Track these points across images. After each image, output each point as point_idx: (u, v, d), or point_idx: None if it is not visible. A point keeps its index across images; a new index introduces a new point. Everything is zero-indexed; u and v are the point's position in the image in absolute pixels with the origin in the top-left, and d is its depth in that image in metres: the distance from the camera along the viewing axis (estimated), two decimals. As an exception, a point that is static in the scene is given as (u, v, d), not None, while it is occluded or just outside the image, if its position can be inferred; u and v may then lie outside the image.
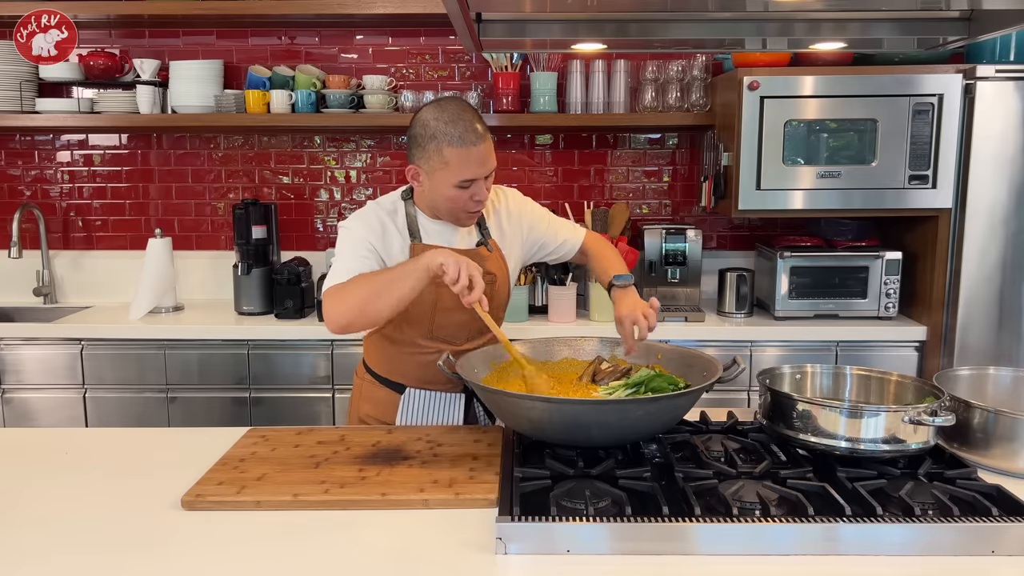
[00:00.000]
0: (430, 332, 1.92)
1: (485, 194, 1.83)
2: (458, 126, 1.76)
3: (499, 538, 1.28)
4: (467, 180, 1.78)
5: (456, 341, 1.95)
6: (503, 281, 1.96)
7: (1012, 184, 2.86)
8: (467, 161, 1.77)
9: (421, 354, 1.94)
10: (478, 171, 1.78)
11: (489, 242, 1.96)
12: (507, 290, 2.00)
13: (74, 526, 1.41)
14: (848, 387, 1.81)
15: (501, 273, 1.95)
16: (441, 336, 1.93)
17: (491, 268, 1.91)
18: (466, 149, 1.76)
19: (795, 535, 1.28)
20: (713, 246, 3.57)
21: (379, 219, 1.89)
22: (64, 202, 3.60)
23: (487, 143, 1.79)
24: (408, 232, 1.89)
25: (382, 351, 2.01)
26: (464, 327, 1.93)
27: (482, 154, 1.78)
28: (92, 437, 1.93)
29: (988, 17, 1.67)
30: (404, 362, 1.97)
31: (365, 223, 1.88)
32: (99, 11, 3.19)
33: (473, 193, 1.80)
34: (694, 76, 3.25)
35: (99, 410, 3.06)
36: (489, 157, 1.80)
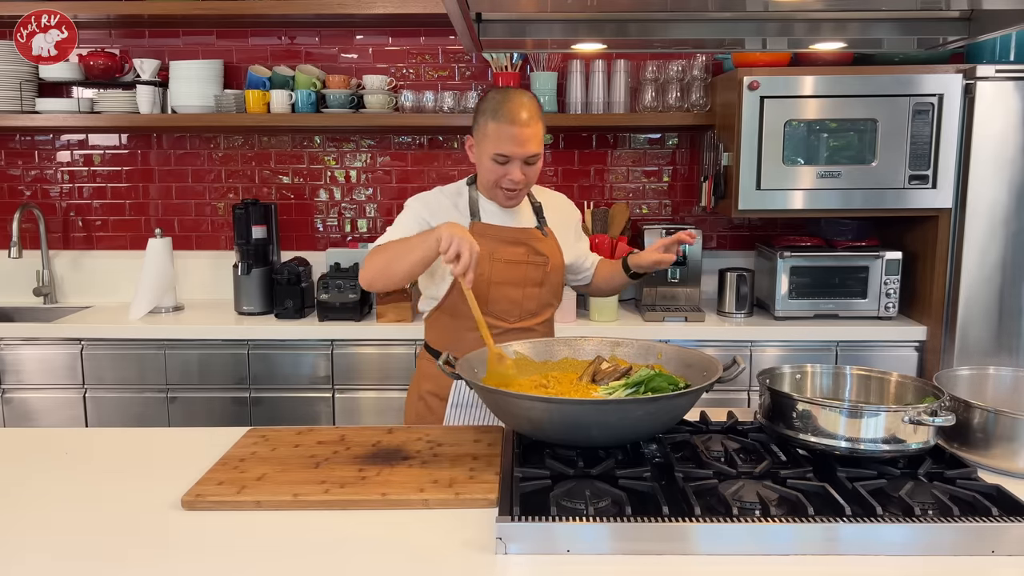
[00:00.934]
0: (484, 306, 1.98)
1: (519, 177, 1.94)
2: (506, 106, 1.91)
3: (499, 538, 1.28)
4: (501, 155, 1.91)
5: (509, 318, 2.04)
6: (556, 266, 2.08)
7: (1012, 184, 2.87)
8: (503, 137, 1.90)
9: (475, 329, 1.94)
10: (513, 149, 1.90)
11: (545, 228, 2.09)
12: (560, 277, 2.11)
13: (74, 526, 1.41)
14: (848, 387, 1.81)
15: (555, 258, 2.07)
16: (495, 312, 2.02)
17: (544, 250, 2.05)
18: (505, 126, 1.89)
19: (795, 535, 1.28)
20: (713, 246, 3.57)
21: (439, 200, 2.04)
22: (64, 202, 3.60)
23: (531, 129, 1.90)
24: (469, 212, 2.03)
25: (442, 327, 2.09)
26: (516, 304, 2.04)
27: (519, 135, 1.89)
28: (92, 437, 1.93)
29: (988, 17, 1.68)
30: (461, 337, 2.01)
31: (424, 202, 2.04)
32: (99, 11, 3.20)
33: (507, 171, 1.93)
34: (694, 76, 3.25)
35: (99, 410, 3.06)
36: (527, 142, 1.90)
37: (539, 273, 2.05)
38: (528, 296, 2.04)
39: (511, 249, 2.02)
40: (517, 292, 2.03)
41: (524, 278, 2.04)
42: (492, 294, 2.01)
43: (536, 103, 1.97)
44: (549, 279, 2.07)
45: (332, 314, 3.07)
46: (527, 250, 2.03)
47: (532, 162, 1.95)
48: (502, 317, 2.04)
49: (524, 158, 1.93)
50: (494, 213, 2.05)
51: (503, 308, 2.04)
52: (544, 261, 2.05)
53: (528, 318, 2.07)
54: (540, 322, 2.11)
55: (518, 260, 2.02)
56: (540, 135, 1.95)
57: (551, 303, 2.13)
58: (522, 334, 2.05)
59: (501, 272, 1.99)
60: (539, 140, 1.95)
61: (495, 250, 2.01)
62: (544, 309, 2.11)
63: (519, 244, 2.03)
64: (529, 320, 2.08)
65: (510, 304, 2.04)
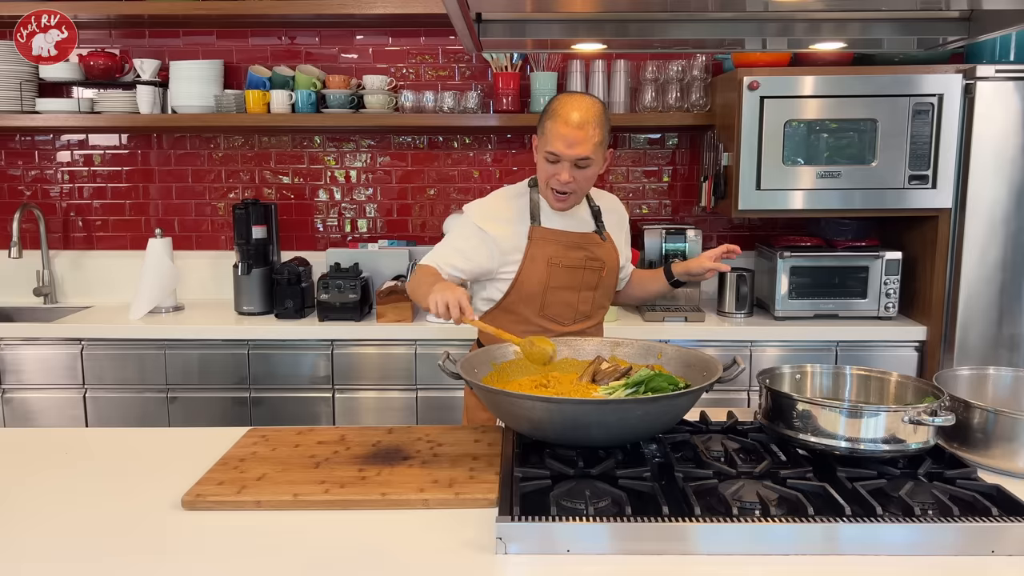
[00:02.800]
0: (541, 310, 2.04)
1: (566, 179, 1.94)
2: (565, 107, 1.93)
3: (499, 538, 1.28)
4: (551, 153, 1.93)
5: (564, 321, 2.07)
6: (611, 269, 2.10)
7: (1012, 184, 2.87)
8: (555, 136, 1.92)
9: (530, 331, 2.00)
10: (562, 149, 1.91)
11: (604, 233, 2.11)
12: (614, 279, 2.14)
13: (74, 526, 1.41)
14: (848, 387, 1.81)
15: (611, 262, 2.10)
16: (550, 315, 2.06)
17: (601, 255, 2.07)
18: (559, 126, 1.91)
19: (795, 535, 1.28)
20: (713, 246, 3.54)
21: (496, 206, 2.07)
22: (64, 202, 3.60)
23: (583, 132, 1.90)
24: (529, 215, 2.04)
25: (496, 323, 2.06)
26: (571, 308, 2.06)
27: (570, 136, 1.90)
28: (92, 437, 1.93)
29: (988, 17, 1.68)
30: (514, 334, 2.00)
31: (481, 208, 2.07)
32: (99, 11, 3.20)
33: (556, 172, 1.94)
34: (694, 76, 3.25)
35: (99, 410, 3.06)
36: (577, 144, 1.90)
37: (595, 277, 2.06)
38: (583, 299, 2.07)
39: (570, 254, 2.03)
40: (573, 296, 2.05)
41: (581, 282, 2.06)
42: (548, 298, 2.04)
43: (597, 110, 1.94)
44: (604, 282, 2.09)
45: (332, 314, 3.07)
46: (585, 255, 2.05)
47: (583, 166, 1.94)
48: (557, 320, 2.06)
49: (573, 160, 1.92)
50: (554, 217, 2.05)
51: (558, 311, 2.06)
52: (601, 265, 2.07)
53: (582, 320, 2.09)
54: (593, 325, 2.12)
55: (576, 265, 2.03)
56: (594, 140, 1.92)
57: (604, 305, 2.15)
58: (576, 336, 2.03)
59: (559, 276, 2.02)
60: (592, 145, 1.92)
61: (554, 254, 2.02)
62: (597, 312, 2.13)
63: (578, 248, 2.04)
64: (583, 323, 2.10)
65: (565, 307, 2.06)
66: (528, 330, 2.02)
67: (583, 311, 2.08)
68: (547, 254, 2.01)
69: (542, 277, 2.01)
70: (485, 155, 3.54)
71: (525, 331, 2.01)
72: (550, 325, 2.05)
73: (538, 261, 2.01)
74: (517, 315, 2.06)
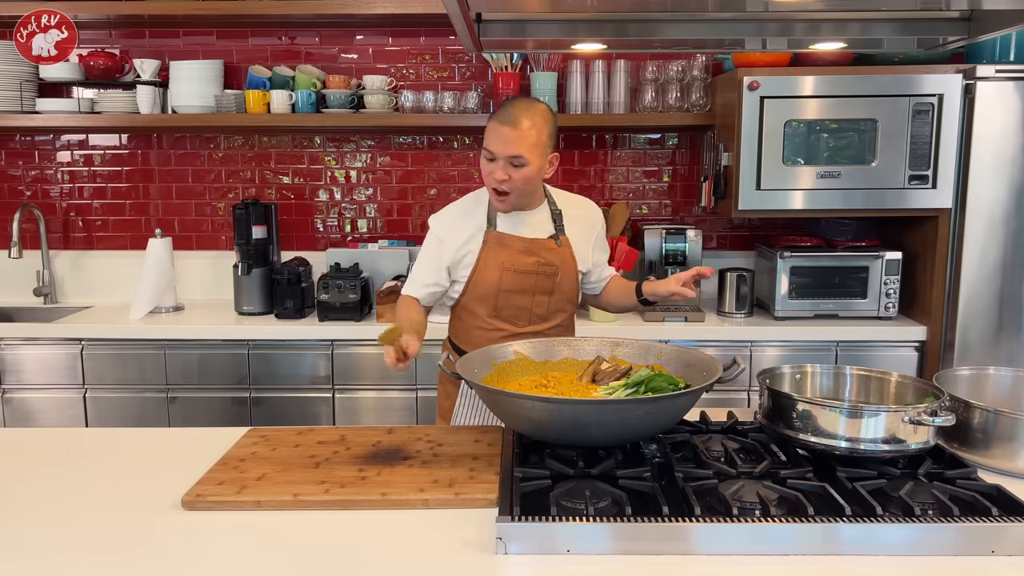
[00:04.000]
0: (493, 311, 2.08)
1: (501, 176, 1.95)
2: (503, 109, 1.96)
3: (499, 538, 1.28)
4: (487, 150, 1.96)
5: (518, 323, 2.10)
6: (567, 273, 2.10)
7: (1012, 184, 2.87)
8: (491, 134, 1.95)
9: (485, 329, 2.09)
10: (496, 146, 1.93)
11: (561, 238, 2.10)
12: (573, 283, 2.13)
13: (74, 526, 1.41)
14: (848, 387, 1.81)
15: (567, 267, 2.10)
16: (504, 316, 2.09)
17: (554, 260, 2.08)
18: (495, 125, 1.94)
19: (795, 535, 1.28)
20: (713, 246, 3.57)
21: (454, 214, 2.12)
22: (64, 202, 3.60)
23: (518, 131, 1.91)
24: (486, 219, 2.07)
25: (458, 323, 2.18)
26: (525, 311, 2.09)
27: (505, 135, 1.92)
28: (92, 437, 1.93)
29: (988, 17, 1.67)
30: (473, 334, 2.11)
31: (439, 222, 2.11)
32: (99, 11, 3.20)
33: (492, 170, 1.96)
34: (694, 76, 3.25)
35: (99, 410, 3.06)
36: (512, 143, 1.92)
37: (548, 283, 2.07)
38: (537, 303, 2.09)
39: (522, 259, 2.05)
40: (526, 299, 2.07)
41: (534, 286, 2.07)
42: (500, 301, 2.07)
43: (538, 112, 1.96)
44: (559, 287, 2.09)
45: (332, 314, 3.07)
46: (537, 260, 2.06)
47: (517, 164, 1.93)
48: (511, 321, 2.09)
49: (506, 158, 1.93)
50: (510, 222, 2.08)
51: (511, 313, 2.09)
52: (554, 271, 2.07)
53: (538, 322, 2.11)
54: (552, 326, 2.13)
55: (527, 270, 2.05)
56: (530, 141, 1.92)
57: (563, 308, 2.14)
58: (533, 337, 2.05)
59: (510, 280, 2.04)
60: (527, 145, 1.92)
61: (506, 259, 2.04)
62: (554, 315, 2.13)
63: (530, 254, 2.06)
64: (539, 324, 2.11)
65: (518, 310, 2.09)
66: (483, 329, 2.09)
67: (538, 313, 2.10)
68: (499, 258, 2.04)
69: (494, 280, 2.04)
70: (485, 155, 3.54)
71: (481, 330, 2.09)
72: (504, 325, 2.09)
73: (490, 265, 2.04)
74: (473, 314, 2.11)
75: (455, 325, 2.19)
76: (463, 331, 2.15)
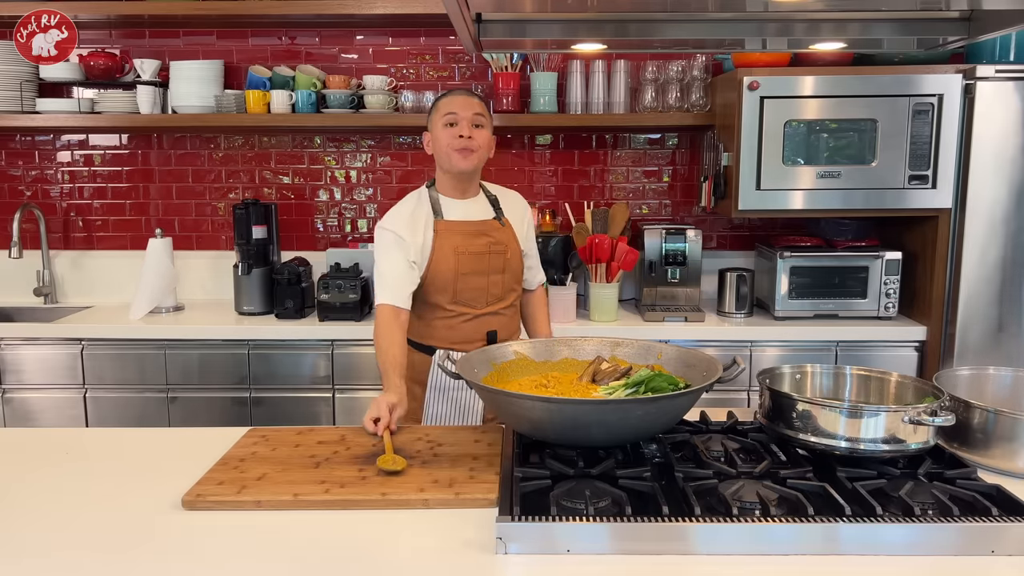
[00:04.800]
0: (453, 297, 2.15)
1: (467, 131, 2.09)
2: (450, 91, 2.17)
3: (499, 538, 1.28)
4: (450, 113, 2.09)
5: (477, 305, 2.17)
6: (514, 252, 2.22)
7: (1012, 184, 2.87)
8: (449, 103, 2.12)
9: (447, 317, 2.17)
10: (458, 108, 2.10)
11: (503, 219, 2.23)
12: (519, 263, 2.25)
13: (74, 525, 1.41)
14: (848, 387, 1.81)
15: (512, 246, 2.22)
16: (463, 300, 2.16)
17: (502, 239, 2.19)
18: (450, 97, 2.13)
19: (795, 535, 1.28)
20: (713, 246, 3.57)
21: (401, 208, 2.19)
22: (64, 202, 3.60)
23: (472, 100, 2.11)
24: (432, 211, 2.17)
25: (416, 320, 2.21)
26: (483, 292, 2.17)
27: (463, 100, 2.10)
28: (92, 437, 1.93)
29: (988, 17, 1.67)
30: (434, 326, 2.19)
31: (390, 217, 2.17)
32: (99, 11, 3.20)
33: (458, 130, 2.09)
34: (694, 76, 3.25)
35: (99, 410, 3.06)
36: (471, 105, 2.10)
37: (500, 261, 2.18)
38: (493, 283, 2.18)
39: (474, 241, 2.16)
40: (483, 280, 2.16)
41: (488, 266, 2.16)
42: (460, 284, 2.14)
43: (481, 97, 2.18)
44: (510, 265, 2.21)
45: (332, 314, 3.07)
46: (488, 240, 2.17)
47: (478, 123, 2.10)
48: (471, 304, 2.17)
49: (470, 116, 2.09)
50: (454, 209, 2.18)
51: (471, 296, 2.17)
52: (504, 249, 2.19)
53: (495, 303, 2.20)
54: (506, 306, 2.23)
55: (481, 251, 2.15)
56: (485, 111, 2.13)
57: (513, 288, 2.25)
58: (491, 319, 2.19)
59: (467, 263, 2.13)
60: (484, 111, 2.12)
61: (459, 243, 2.14)
62: (508, 294, 2.23)
63: (481, 235, 2.17)
64: (496, 304, 2.20)
65: (477, 291, 2.17)
66: (445, 317, 2.17)
67: (495, 293, 2.19)
68: (453, 244, 2.13)
69: (451, 266, 2.13)
70: (485, 155, 3.54)
71: (442, 318, 2.17)
72: (464, 310, 2.17)
73: (446, 251, 2.13)
74: (433, 304, 2.17)
75: (412, 323, 2.18)
76: (423, 327, 2.19)
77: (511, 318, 2.25)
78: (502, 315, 2.21)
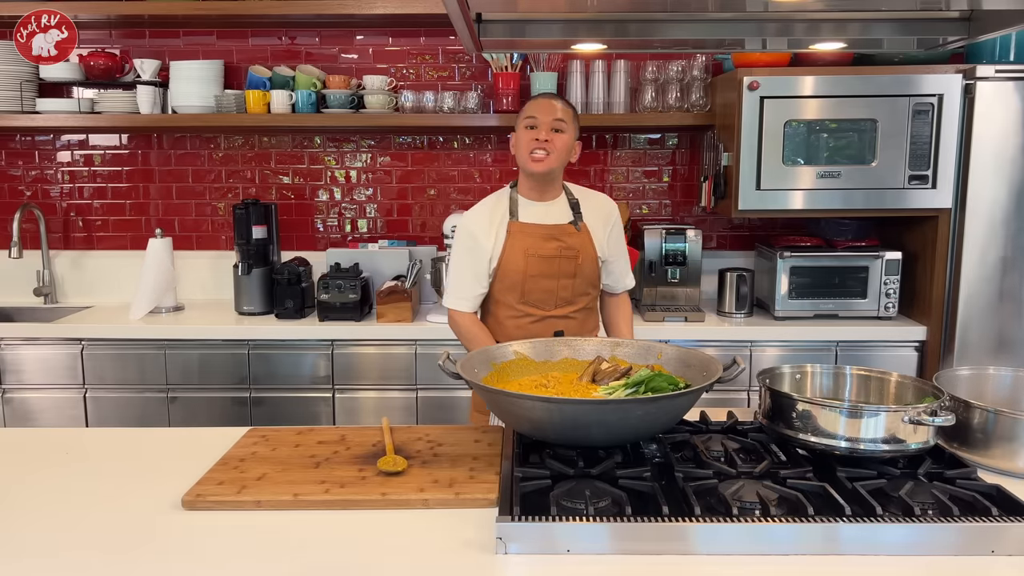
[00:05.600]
0: (522, 297, 2.19)
1: (544, 136, 2.12)
2: (538, 95, 2.22)
3: (499, 538, 1.28)
4: (530, 117, 2.14)
5: (545, 307, 2.20)
6: (588, 258, 2.22)
7: (1012, 184, 2.87)
8: (532, 106, 2.16)
9: (515, 317, 2.21)
10: (539, 112, 2.13)
11: (580, 224, 2.22)
12: (593, 267, 2.24)
13: (74, 526, 1.41)
14: (848, 387, 1.81)
15: (587, 251, 2.21)
16: (531, 301, 2.19)
17: (575, 244, 2.19)
18: (534, 100, 2.19)
19: (795, 535, 1.28)
20: (713, 246, 3.57)
21: (481, 207, 2.25)
22: (64, 202, 3.60)
23: (559, 106, 2.14)
24: (508, 212, 2.21)
25: (489, 318, 2.27)
26: (551, 294, 2.19)
27: (546, 104, 2.14)
28: (92, 437, 1.93)
29: (988, 17, 1.67)
30: (504, 324, 2.22)
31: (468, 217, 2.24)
32: (99, 11, 3.20)
33: (535, 134, 2.12)
34: (694, 76, 3.25)
35: (99, 410, 3.06)
36: (555, 111, 2.13)
37: (571, 265, 2.18)
38: (563, 286, 2.19)
39: (545, 244, 2.17)
40: (552, 283, 2.18)
41: (558, 271, 2.18)
42: (528, 285, 2.18)
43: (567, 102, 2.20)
44: (582, 270, 2.20)
45: (332, 314, 3.07)
46: (559, 245, 2.18)
47: (558, 128, 2.12)
48: (538, 306, 2.20)
49: (550, 121, 2.11)
50: (531, 210, 2.21)
51: (539, 298, 2.19)
52: (575, 254, 2.19)
53: (564, 306, 2.21)
54: (575, 310, 2.23)
55: (551, 255, 2.17)
56: (569, 116, 2.15)
57: (587, 292, 2.25)
58: (559, 322, 2.20)
59: (536, 265, 2.16)
60: (567, 116, 2.14)
61: (530, 246, 2.16)
62: (579, 298, 2.23)
63: (552, 239, 2.17)
64: (565, 308, 2.21)
65: (545, 294, 2.19)
66: (514, 316, 2.20)
67: (564, 297, 2.20)
68: (524, 246, 2.16)
69: (520, 267, 2.16)
70: (485, 155, 3.54)
71: (511, 317, 2.20)
72: (531, 310, 2.19)
73: (516, 252, 2.16)
74: (503, 302, 2.21)
75: (485, 321, 2.27)
76: (494, 324, 2.24)
77: (581, 322, 2.24)
78: (571, 319, 2.21)
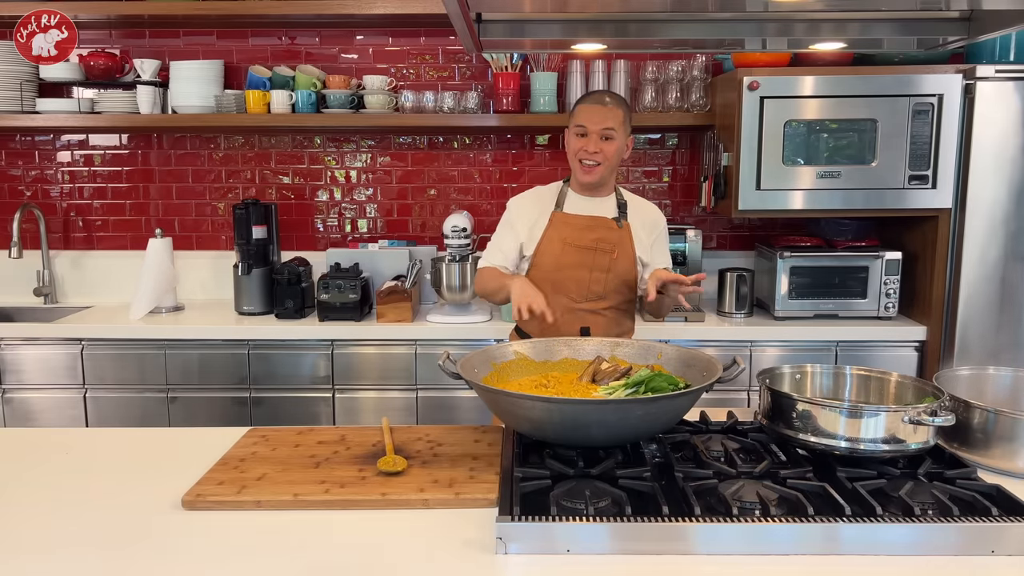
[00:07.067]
0: (555, 285, 2.21)
1: (594, 148, 2.15)
2: (592, 93, 2.23)
3: (499, 538, 1.28)
4: (579, 125, 2.16)
5: (576, 298, 2.22)
6: (625, 255, 2.24)
7: (1012, 184, 2.87)
8: (582, 112, 2.18)
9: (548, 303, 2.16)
10: (588, 120, 2.15)
11: (623, 222, 2.25)
12: (630, 266, 2.25)
13: (75, 525, 1.41)
14: (848, 387, 1.81)
15: (624, 248, 2.23)
16: (563, 290, 2.22)
17: (613, 239, 2.22)
18: (585, 105, 2.19)
19: (795, 535, 1.28)
20: (713, 246, 3.57)
21: (531, 194, 2.32)
22: (64, 202, 3.60)
23: (609, 110, 2.15)
24: (555, 203, 2.26)
25: None
26: (583, 286, 2.21)
27: (596, 111, 2.15)
28: (92, 437, 1.93)
29: (988, 17, 1.68)
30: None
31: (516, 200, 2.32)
32: (99, 11, 3.20)
33: (584, 144, 2.16)
34: (694, 76, 3.25)
35: (99, 410, 3.06)
36: (604, 118, 2.14)
37: (606, 259, 2.21)
38: (595, 280, 2.21)
39: (582, 234, 2.21)
40: (585, 274, 2.21)
41: (592, 263, 2.19)
42: (562, 274, 2.21)
43: (621, 97, 2.23)
44: (616, 266, 2.22)
45: (332, 314, 3.07)
46: (597, 237, 2.21)
47: (607, 136, 2.14)
48: (570, 296, 2.22)
49: (599, 130, 2.14)
50: (577, 203, 2.26)
51: (571, 288, 2.22)
52: (611, 248, 2.21)
53: (594, 299, 2.23)
54: (606, 307, 2.24)
55: (588, 246, 2.21)
56: (619, 118, 2.16)
57: (620, 291, 2.25)
58: (587, 316, 2.21)
59: (571, 255, 2.20)
60: (617, 121, 2.15)
61: (568, 235, 2.21)
62: (610, 294, 2.24)
63: (591, 230, 2.22)
64: (596, 302, 2.23)
65: (577, 284, 2.21)
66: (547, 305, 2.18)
67: (595, 291, 2.21)
68: (562, 235, 2.21)
69: (556, 255, 2.20)
70: (485, 155, 3.54)
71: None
72: (563, 300, 2.20)
73: (554, 242, 2.21)
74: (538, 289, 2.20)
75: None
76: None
77: (610, 320, 2.23)
78: (601, 315, 2.22)
